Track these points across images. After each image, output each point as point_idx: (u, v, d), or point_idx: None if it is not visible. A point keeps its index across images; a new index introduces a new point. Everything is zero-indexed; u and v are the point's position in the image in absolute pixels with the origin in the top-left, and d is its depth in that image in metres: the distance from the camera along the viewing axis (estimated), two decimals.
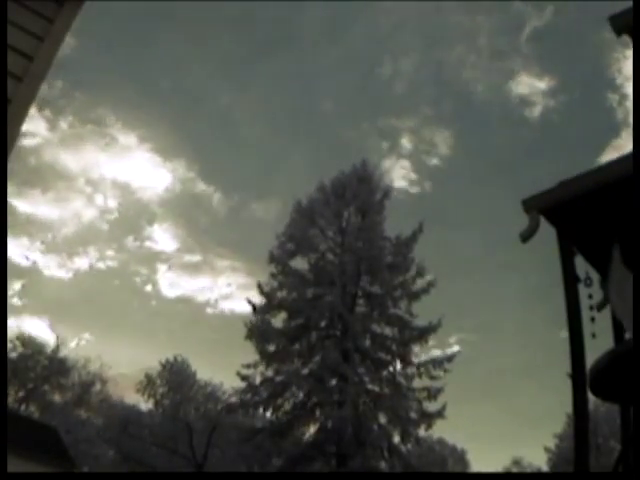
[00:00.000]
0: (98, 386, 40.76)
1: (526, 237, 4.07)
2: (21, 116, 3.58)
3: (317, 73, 45.23)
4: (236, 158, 49.47)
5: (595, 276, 4.14)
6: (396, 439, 23.93)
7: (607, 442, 33.10)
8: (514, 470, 45.62)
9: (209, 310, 56.62)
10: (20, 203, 63.91)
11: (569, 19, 41.62)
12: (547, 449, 41.36)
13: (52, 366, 38.84)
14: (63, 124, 51.17)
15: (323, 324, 25.45)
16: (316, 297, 25.78)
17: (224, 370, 38.40)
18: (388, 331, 25.45)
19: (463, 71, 45.83)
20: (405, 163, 43.51)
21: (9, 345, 35.18)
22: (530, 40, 43.39)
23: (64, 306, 55.14)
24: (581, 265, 4.19)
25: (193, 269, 57.24)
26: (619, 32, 4.64)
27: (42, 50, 3.74)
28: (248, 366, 25.06)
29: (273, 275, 26.56)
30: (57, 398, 39.85)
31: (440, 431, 43.87)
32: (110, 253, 59.99)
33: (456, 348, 25.95)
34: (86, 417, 38.41)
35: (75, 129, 49.67)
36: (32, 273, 58.91)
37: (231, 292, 55.88)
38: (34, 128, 50.77)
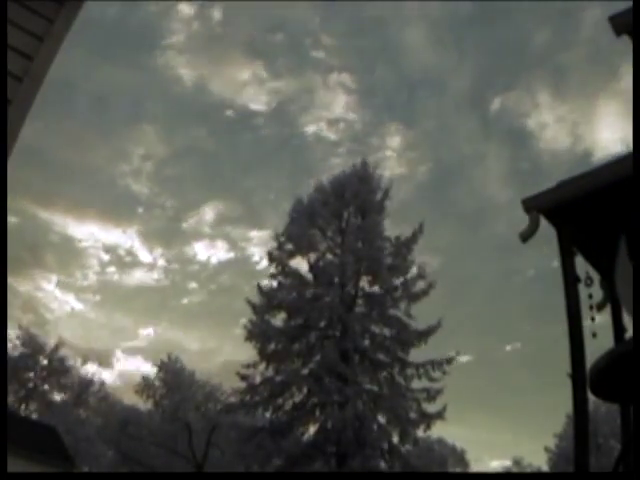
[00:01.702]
0: (97, 386, 40.79)
1: (526, 237, 4.08)
2: (21, 116, 3.58)
3: None
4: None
5: (595, 276, 4.14)
6: (395, 439, 23.94)
7: (607, 442, 33.07)
8: (514, 470, 45.64)
9: None
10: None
11: None
12: (547, 449, 41.35)
13: (52, 366, 38.83)
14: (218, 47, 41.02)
15: (322, 324, 25.43)
16: (315, 297, 25.73)
17: None
18: (387, 332, 25.44)
19: None
20: None
21: (9, 345, 35.16)
22: None
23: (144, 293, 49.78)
24: (581, 265, 4.19)
25: None
26: (619, 32, 4.63)
27: (42, 50, 3.74)
28: (248, 366, 25.08)
29: (272, 275, 26.59)
30: (57, 398, 39.85)
31: (440, 431, 43.93)
32: (228, 217, 49.33)
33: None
34: (85, 417, 38.40)
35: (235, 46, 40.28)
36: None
37: None
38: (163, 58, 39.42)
